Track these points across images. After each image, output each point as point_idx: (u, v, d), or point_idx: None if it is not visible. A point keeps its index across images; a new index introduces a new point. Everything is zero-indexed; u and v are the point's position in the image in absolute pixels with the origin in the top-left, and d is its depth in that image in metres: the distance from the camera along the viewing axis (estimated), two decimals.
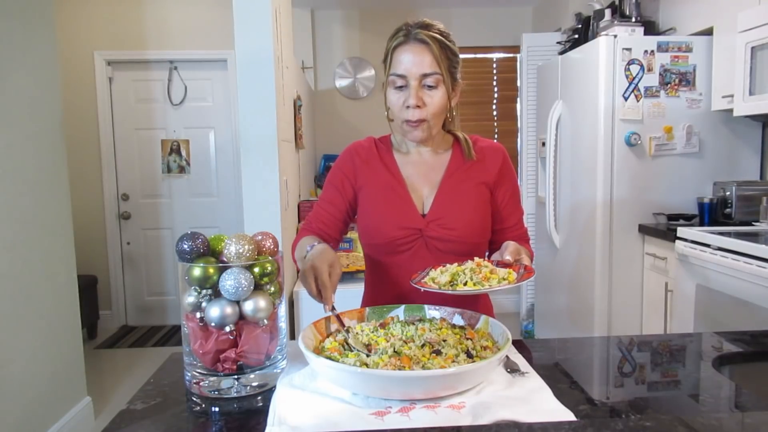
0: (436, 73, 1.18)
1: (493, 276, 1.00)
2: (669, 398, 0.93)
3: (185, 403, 0.91)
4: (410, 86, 1.18)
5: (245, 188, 2.42)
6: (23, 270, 2.34)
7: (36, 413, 2.37)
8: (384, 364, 0.88)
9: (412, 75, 1.17)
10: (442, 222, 1.23)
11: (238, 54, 2.35)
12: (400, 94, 1.20)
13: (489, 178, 1.29)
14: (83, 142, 4.31)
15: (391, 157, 1.31)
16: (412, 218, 1.24)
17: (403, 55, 1.18)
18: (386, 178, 1.29)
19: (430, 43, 1.17)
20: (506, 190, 1.31)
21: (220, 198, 4.51)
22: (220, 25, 4.19)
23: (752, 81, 2.42)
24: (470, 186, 1.27)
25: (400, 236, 1.24)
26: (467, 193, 1.27)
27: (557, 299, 3.48)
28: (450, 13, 4.64)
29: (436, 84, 1.18)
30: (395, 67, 1.19)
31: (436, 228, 1.23)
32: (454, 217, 1.24)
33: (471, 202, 1.26)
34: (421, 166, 1.30)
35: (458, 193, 1.26)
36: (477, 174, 1.29)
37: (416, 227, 1.24)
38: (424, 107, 1.19)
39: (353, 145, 1.35)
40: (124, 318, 4.55)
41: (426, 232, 1.24)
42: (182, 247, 0.92)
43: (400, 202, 1.26)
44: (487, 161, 1.30)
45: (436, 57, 1.17)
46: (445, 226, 1.23)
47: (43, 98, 2.54)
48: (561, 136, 3.32)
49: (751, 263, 2.06)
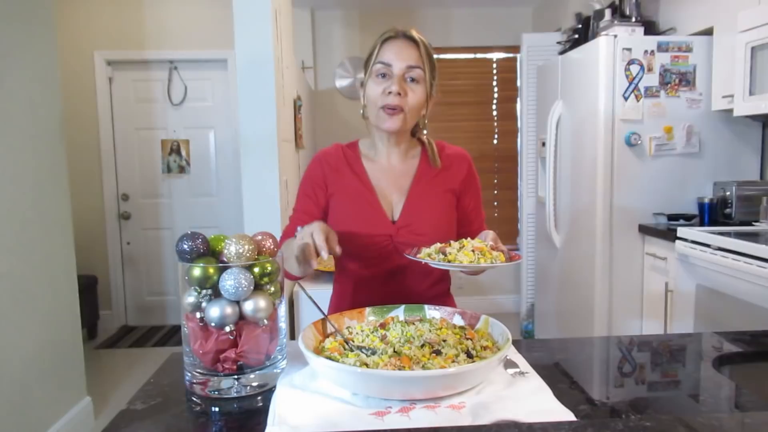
0: (420, 68, 1.22)
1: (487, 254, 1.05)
2: (669, 398, 0.93)
3: (185, 403, 0.91)
4: (394, 75, 1.22)
5: (245, 188, 2.42)
6: (23, 270, 2.34)
7: (36, 413, 2.37)
8: (384, 364, 0.88)
9: (398, 65, 1.22)
10: (412, 228, 1.26)
11: (238, 54, 2.35)
12: (382, 83, 1.23)
13: (455, 185, 1.33)
14: (83, 142, 4.31)
15: (360, 164, 1.33)
16: (382, 225, 1.27)
17: (392, 46, 1.23)
18: (355, 185, 1.30)
19: (419, 42, 1.24)
20: (471, 196, 1.36)
21: (220, 198, 4.51)
22: (220, 25, 4.19)
23: (752, 81, 2.42)
24: (438, 192, 1.31)
25: (371, 243, 1.26)
26: (435, 200, 1.30)
27: (557, 299, 3.48)
28: (450, 13, 4.64)
29: (418, 79, 1.23)
30: (381, 55, 1.23)
31: (405, 234, 1.26)
32: (423, 222, 1.27)
33: (438, 208, 1.30)
34: (390, 172, 1.32)
35: (426, 199, 1.30)
36: (443, 181, 1.33)
37: (386, 233, 1.26)
38: (405, 97, 1.22)
39: (320, 153, 1.36)
40: (124, 318, 4.55)
41: (396, 238, 1.26)
42: (182, 247, 0.93)
43: (370, 209, 1.28)
44: (453, 168, 1.34)
45: (422, 55, 1.23)
46: (414, 232, 1.26)
47: (43, 98, 2.54)
48: (561, 136, 3.32)
49: (751, 263, 2.06)
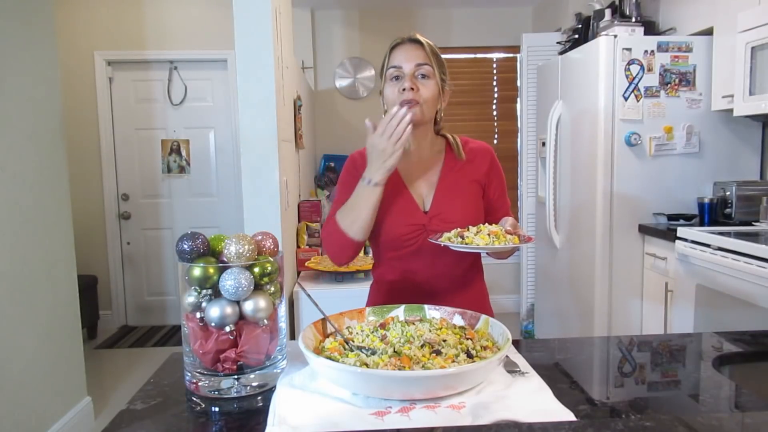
0: (428, 65, 1.31)
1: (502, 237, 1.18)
2: (669, 398, 0.93)
3: (185, 403, 0.91)
4: (405, 74, 1.30)
5: (245, 188, 2.41)
6: (23, 270, 2.34)
7: (36, 413, 2.37)
8: (384, 364, 0.88)
9: (407, 65, 1.31)
10: (443, 217, 1.33)
11: (238, 54, 2.35)
12: (396, 84, 1.32)
13: (480, 177, 1.41)
14: (83, 142, 4.31)
15: None
16: (415, 215, 1.34)
17: (400, 51, 1.33)
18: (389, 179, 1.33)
19: (424, 43, 1.32)
20: (496, 186, 1.43)
21: (220, 198, 4.51)
22: (220, 25, 4.19)
23: (752, 81, 2.42)
24: (464, 183, 1.39)
25: (406, 233, 1.33)
26: (462, 190, 1.38)
27: (557, 299, 3.48)
28: (450, 13, 4.64)
29: (428, 74, 1.31)
30: (392, 61, 1.33)
31: (437, 223, 1.33)
32: (453, 211, 1.34)
33: (466, 197, 1.37)
34: (418, 166, 1.40)
35: (454, 190, 1.37)
36: (469, 173, 1.40)
37: (420, 223, 1.33)
38: (418, 91, 1.30)
39: (355, 153, 1.44)
40: (124, 318, 4.55)
41: (429, 227, 1.33)
42: (182, 247, 0.93)
43: (403, 201, 1.35)
44: (477, 161, 1.41)
45: (428, 54, 1.31)
46: (445, 221, 1.32)
47: (43, 98, 2.54)
48: (561, 136, 3.32)
49: (751, 263, 2.06)
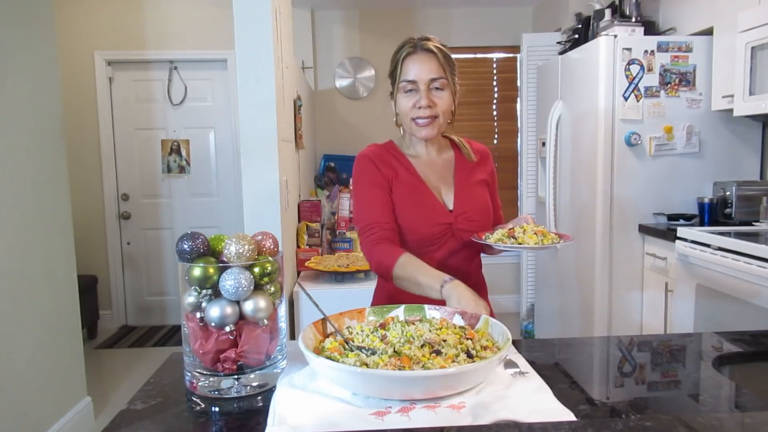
0: (443, 77, 1.33)
1: (548, 236, 1.25)
2: (669, 398, 0.93)
3: (185, 403, 0.91)
4: (420, 90, 1.32)
5: (245, 188, 2.41)
6: (23, 270, 2.34)
7: (36, 413, 2.37)
8: (384, 364, 0.88)
9: (422, 79, 1.32)
10: (468, 215, 1.39)
11: (238, 54, 2.35)
12: (410, 97, 1.34)
13: (486, 176, 1.48)
14: (83, 142, 4.31)
15: (407, 160, 1.42)
16: (442, 214, 1.38)
17: (413, 63, 1.33)
18: (410, 180, 1.39)
19: (436, 52, 1.33)
20: (494, 185, 1.52)
21: (220, 198, 4.51)
22: (220, 25, 4.18)
23: (752, 81, 2.42)
24: (476, 182, 1.44)
25: (435, 232, 1.37)
26: (477, 189, 1.44)
27: (557, 299, 3.48)
28: (450, 13, 4.64)
29: (442, 87, 1.34)
30: (405, 74, 1.34)
31: (463, 221, 1.38)
32: (475, 209, 1.40)
33: (482, 195, 1.44)
34: (433, 166, 1.43)
35: (470, 189, 1.43)
36: (478, 173, 1.46)
37: (447, 222, 1.38)
38: (435, 106, 1.33)
39: (367, 153, 1.42)
40: (124, 318, 4.55)
41: (455, 225, 1.38)
42: (182, 247, 0.93)
43: (429, 201, 1.38)
44: (482, 162, 1.48)
45: (441, 64, 1.33)
46: (470, 219, 1.38)
47: (43, 98, 2.54)
48: (561, 136, 3.32)
49: (751, 263, 2.06)
